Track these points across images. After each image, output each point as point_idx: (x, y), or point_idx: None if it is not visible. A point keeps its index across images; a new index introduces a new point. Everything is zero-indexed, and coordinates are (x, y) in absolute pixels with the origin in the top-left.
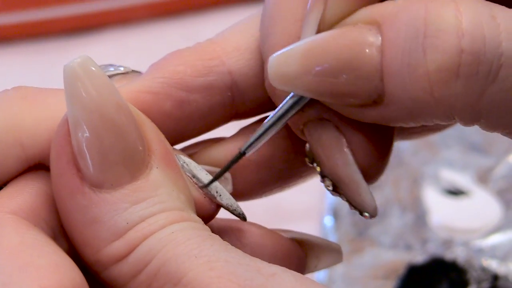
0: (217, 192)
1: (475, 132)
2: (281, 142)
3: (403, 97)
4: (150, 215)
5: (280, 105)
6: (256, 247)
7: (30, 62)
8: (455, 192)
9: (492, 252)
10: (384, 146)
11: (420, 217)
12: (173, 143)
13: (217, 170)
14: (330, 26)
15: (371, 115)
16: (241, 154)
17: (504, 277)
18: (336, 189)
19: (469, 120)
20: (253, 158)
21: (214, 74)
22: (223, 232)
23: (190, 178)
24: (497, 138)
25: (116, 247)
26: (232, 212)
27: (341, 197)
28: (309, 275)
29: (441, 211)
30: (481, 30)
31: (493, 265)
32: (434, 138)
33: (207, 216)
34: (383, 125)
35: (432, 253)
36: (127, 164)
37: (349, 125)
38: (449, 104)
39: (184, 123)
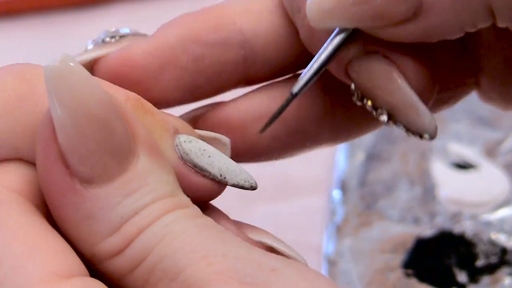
0: (221, 175)
1: (483, 106)
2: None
3: None
4: (143, 206)
5: (326, 43)
6: None
7: (40, 35)
8: (463, 166)
9: (501, 225)
10: (432, 68)
11: (428, 191)
12: (188, 99)
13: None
14: None
15: (414, 31)
16: (293, 96)
17: None
18: (391, 118)
19: (505, 8)
20: (264, 112)
21: (227, 31)
22: None
23: (191, 168)
24: (505, 113)
25: (111, 242)
26: (240, 188)
27: (397, 126)
28: (316, 252)
29: (449, 184)
30: None
31: (502, 238)
32: (443, 111)
33: (214, 196)
34: (427, 49)
35: (440, 226)
36: (115, 157)
37: (397, 52)
38: None
39: (199, 79)
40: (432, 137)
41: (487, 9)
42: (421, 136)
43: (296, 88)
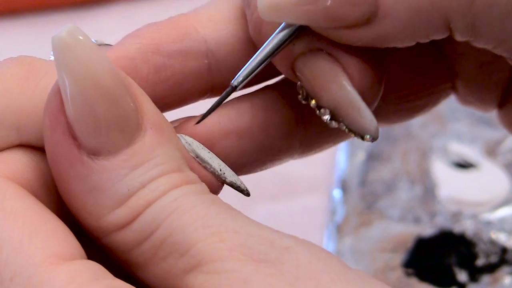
0: (220, 170)
1: None
2: (260, 113)
3: (399, 7)
4: (151, 179)
5: (271, 36)
6: None
7: (40, 34)
8: (463, 165)
9: (501, 225)
10: (378, 68)
11: (428, 190)
12: None
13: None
14: None
15: (365, 36)
16: (233, 88)
17: None
18: (334, 118)
19: (464, 26)
20: (232, 127)
21: (189, 41)
22: None
23: (194, 158)
24: None
25: (119, 215)
26: (236, 189)
27: (340, 126)
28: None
29: (449, 184)
30: None
31: (502, 238)
32: (443, 111)
33: (213, 192)
34: (376, 49)
35: (441, 226)
36: (122, 129)
37: (342, 50)
38: (445, 6)
39: (161, 89)
40: (374, 138)
41: (444, 24)
42: (362, 137)
43: (236, 80)
